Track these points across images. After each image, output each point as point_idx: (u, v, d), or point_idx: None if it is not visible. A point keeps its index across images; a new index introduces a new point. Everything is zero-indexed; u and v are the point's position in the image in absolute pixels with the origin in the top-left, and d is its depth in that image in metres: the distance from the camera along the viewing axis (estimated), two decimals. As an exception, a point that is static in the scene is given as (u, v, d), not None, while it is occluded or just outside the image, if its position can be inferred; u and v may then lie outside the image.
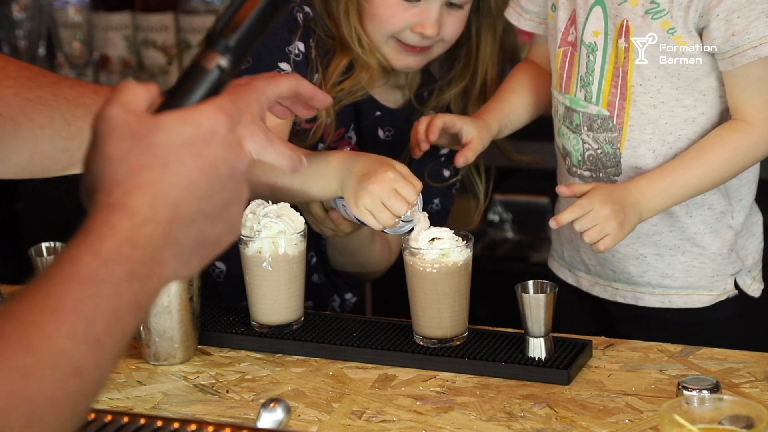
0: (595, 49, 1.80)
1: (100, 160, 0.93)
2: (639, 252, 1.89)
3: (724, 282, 1.90)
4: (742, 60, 1.70)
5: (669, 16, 1.73)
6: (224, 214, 0.96)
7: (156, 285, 0.92)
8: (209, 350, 1.75)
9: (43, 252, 1.85)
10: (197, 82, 0.96)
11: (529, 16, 1.94)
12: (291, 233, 1.73)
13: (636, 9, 1.75)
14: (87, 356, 0.88)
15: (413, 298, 1.70)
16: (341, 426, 1.51)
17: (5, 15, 3.09)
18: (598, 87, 1.81)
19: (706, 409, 1.28)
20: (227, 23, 0.98)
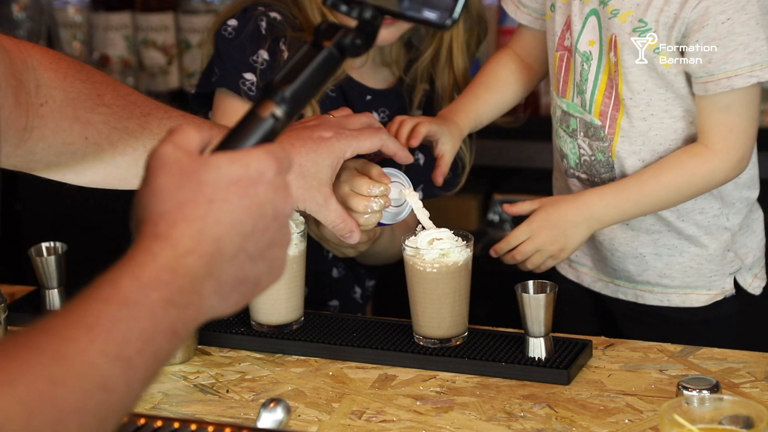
0: (590, 58, 1.80)
1: (150, 194, 0.96)
2: (638, 251, 1.89)
3: (723, 281, 1.90)
4: (715, 88, 1.71)
5: (655, 35, 1.73)
6: (266, 255, 0.99)
7: (194, 315, 0.94)
8: (209, 350, 1.75)
9: (43, 252, 1.85)
10: (251, 129, 1.01)
11: (527, 10, 1.92)
12: (291, 233, 1.72)
13: (624, 26, 1.75)
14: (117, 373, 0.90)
15: (413, 298, 1.70)
16: (341, 426, 1.51)
17: (5, 15, 3.09)
18: (592, 96, 1.81)
19: (706, 409, 1.28)
20: (285, 75, 1.03)
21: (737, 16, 1.67)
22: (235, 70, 1.92)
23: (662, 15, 1.71)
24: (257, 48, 1.92)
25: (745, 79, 1.69)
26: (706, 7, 1.68)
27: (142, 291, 0.92)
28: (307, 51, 1.05)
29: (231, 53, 1.93)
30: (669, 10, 1.71)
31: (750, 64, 1.68)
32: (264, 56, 1.92)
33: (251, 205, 0.96)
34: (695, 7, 1.69)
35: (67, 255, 1.85)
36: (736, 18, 1.67)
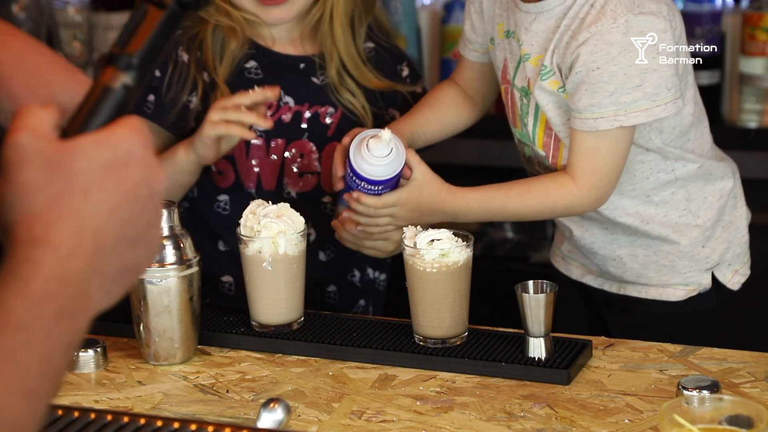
0: (528, 93, 1.84)
1: (16, 191, 0.88)
2: (616, 253, 1.94)
3: (699, 277, 1.94)
4: (582, 126, 1.76)
5: (555, 77, 1.78)
6: (144, 238, 0.92)
7: (83, 321, 0.88)
8: (209, 350, 1.75)
9: (43, 252, 1.84)
10: (104, 104, 0.93)
11: (473, 47, 1.97)
12: (291, 233, 1.73)
13: (535, 69, 1.81)
14: (24, 410, 0.83)
15: (413, 298, 1.70)
16: (341, 426, 1.51)
17: (5, 15, 3.09)
18: (533, 129, 1.86)
19: (706, 409, 1.28)
20: (128, 40, 0.96)
21: (606, 66, 1.72)
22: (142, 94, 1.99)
23: (554, 57, 1.77)
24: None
25: (609, 122, 1.75)
26: (579, 54, 1.73)
27: (33, 309, 0.84)
28: (147, 11, 0.98)
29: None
30: (559, 52, 1.77)
31: (614, 109, 1.74)
32: (156, 74, 1.99)
33: (126, 190, 0.89)
34: (572, 53, 1.74)
35: (67, 255, 1.84)
36: (605, 68, 1.72)
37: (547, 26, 1.78)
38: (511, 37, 1.84)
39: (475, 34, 1.95)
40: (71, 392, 1.62)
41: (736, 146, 2.57)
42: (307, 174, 2.05)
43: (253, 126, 1.92)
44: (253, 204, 1.76)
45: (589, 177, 1.79)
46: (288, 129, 2.04)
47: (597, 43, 1.72)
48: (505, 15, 1.85)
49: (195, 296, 1.71)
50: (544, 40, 1.78)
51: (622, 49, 1.71)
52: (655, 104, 1.75)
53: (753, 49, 2.74)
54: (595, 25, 1.72)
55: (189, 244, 1.69)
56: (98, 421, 1.34)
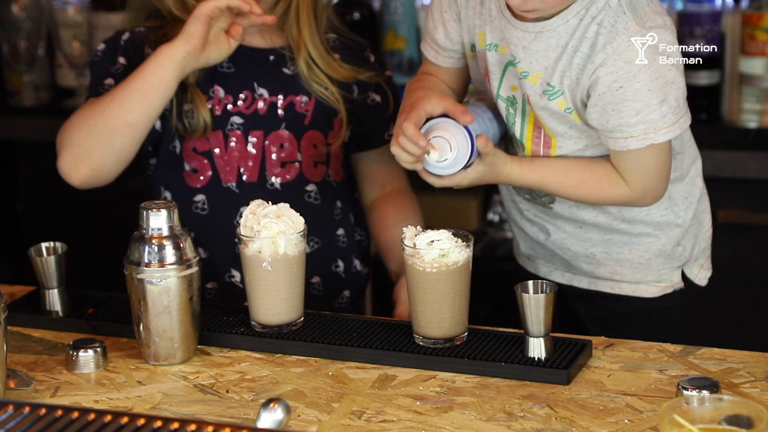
0: (514, 102, 1.83)
1: None
2: (589, 251, 1.95)
3: (671, 274, 1.95)
4: (614, 145, 1.77)
5: (564, 97, 1.77)
6: None
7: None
8: (209, 350, 1.75)
9: (43, 252, 1.84)
10: None
11: (448, 54, 1.93)
12: (291, 233, 1.73)
13: (535, 87, 1.79)
14: None
15: (413, 298, 1.70)
16: (341, 426, 1.51)
17: (5, 15, 3.09)
18: (521, 137, 1.85)
19: (706, 409, 1.28)
20: None
21: (629, 84, 1.72)
22: (99, 79, 2.03)
23: (565, 79, 1.76)
24: (115, 57, 2.04)
25: (639, 141, 1.75)
26: (598, 76, 1.72)
27: None
28: None
29: (96, 70, 2.05)
30: (571, 75, 1.75)
31: (644, 128, 1.74)
32: (121, 61, 2.03)
33: None
34: (591, 75, 1.73)
35: (67, 255, 1.85)
36: (627, 86, 1.72)
37: (548, 45, 1.76)
38: (495, 50, 1.82)
39: (450, 42, 1.91)
40: (71, 392, 1.62)
41: (736, 146, 2.58)
42: (288, 163, 2.06)
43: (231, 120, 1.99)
44: (253, 204, 1.76)
45: (640, 181, 1.80)
46: (265, 120, 2.05)
47: (616, 62, 1.71)
48: (487, 27, 1.82)
49: (195, 296, 1.71)
50: (546, 59, 1.76)
51: (642, 66, 1.71)
52: (679, 117, 1.75)
53: (753, 49, 2.74)
54: (610, 45, 1.71)
55: (189, 244, 1.69)
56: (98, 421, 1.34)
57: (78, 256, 2.04)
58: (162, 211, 1.67)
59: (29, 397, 1.61)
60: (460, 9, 1.86)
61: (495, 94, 1.85)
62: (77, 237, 2.68)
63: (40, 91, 3.17)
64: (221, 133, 2.03)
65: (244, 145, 2.04)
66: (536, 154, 1.85)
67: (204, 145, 2.03)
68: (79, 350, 1.69)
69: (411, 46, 2.89)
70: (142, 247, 1.67)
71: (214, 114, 2.03)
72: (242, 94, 2.04)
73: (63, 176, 2.00)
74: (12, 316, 1.74)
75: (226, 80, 2.04)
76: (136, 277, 1.68)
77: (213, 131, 2.03)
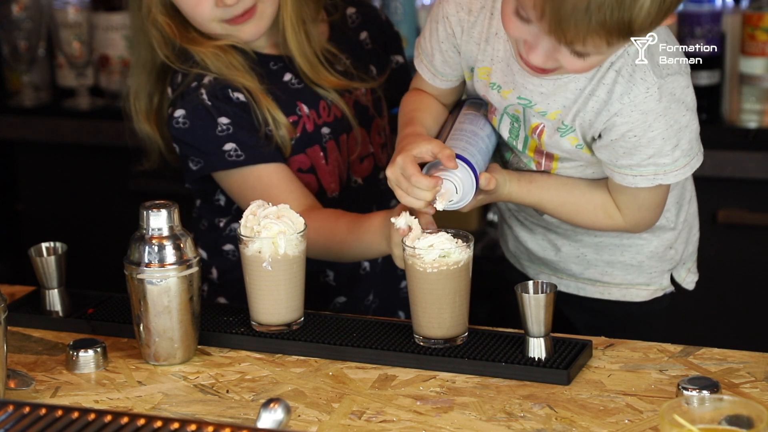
0: (519, 119, 1.81)
1: None
2: (580, 251, 1.94)
3: (661, 278, 1.95)
4: (621, 180, 1.76)
5: (575, 134, 1.76)
6: None
7: None
8: (209, 350, 1.75)
9: (43, 252, 1.84)
10: None
11: (445, 78, 1.89)
12: (291, 233, 1.73)
13: (553, 122, 1.77)
14: None
15: (413, 298, 1.70)
16: (341, 426, 1.51)
17: (5, 15, 3.09)
18: (524, 147, 1.84)
19: (706, 409, 1.28)
20: None
21: (644, 133, 1.71)
22: (215, 150, 1.97)
23: (578, 119, 1.75)
24: (215, 120, 1.97)
25: (648, 180, 1.75)
26: (614, 123, 1.71)
27: None
28: None
29: (198, 139, 1.98)
30: (584, 117, 1.74)
31: (654, 169, 1.74)
32: (224, 122, 1.97)
33: None
34: (606, 121, 1.72)
35: (67, 255, 1.85)
36: (642, 135, 1.71)
37: (566, 89, 1.73)
38: (497, 90, 1.79)
39: (448, 68, 1.86)
40: (71, 392, 1.62)
41: (736, 146, 2.58)
42: (365, 158, 2.09)
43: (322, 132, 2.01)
44: (253, 205, 1.76)
45: (634, 214, 1.81)
46: (345, 123, 2.05)
47: (632, 113, 1.70)
48: (494, 67, 1.78)
49: (195, 296, 1.71)
50: (564, 99, 1.74)
51: (657, 116, 1.69)
52: (690, 159, 1.75)
53: (753, 49, 2.74)
54: (627, 95, 1.69)
55: (189, 244, 1.69)
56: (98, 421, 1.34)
57: (78, 256, 2.04)
58: (162, 211, 1.67)
59: (29, 397, 1.61)
60: (459, 43, 1.81)
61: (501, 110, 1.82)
62: (77, 237, 2.69)
63: (40, 91, 3.18)
64: (318, 147, 2.03)
65: (339, 152, 2.05)
66: (539, 166, 1.84)
67: (306, 162, 2.03)
68: (79, 350, 1.69)
69: (411, 46, 2.89)
70: (142, 247, 1.67)
71: (306, 131, 2.02)
72: (320, 104, 2.04)
73: None
74: (12, 316, 1.75)
75: (304, 95, 2.03)
76: (136, 277, 1.68)
77: (310, 147, 2.02)
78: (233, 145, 1.95)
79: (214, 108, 1.96)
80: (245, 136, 1.96)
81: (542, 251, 1.97)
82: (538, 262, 1.99)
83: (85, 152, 3.04)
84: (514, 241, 2.02)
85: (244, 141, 1.96)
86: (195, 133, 1.97)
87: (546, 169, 1.84)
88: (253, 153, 1.96)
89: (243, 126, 1.96)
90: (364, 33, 2.12)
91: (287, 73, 2.04)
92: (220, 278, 2.09)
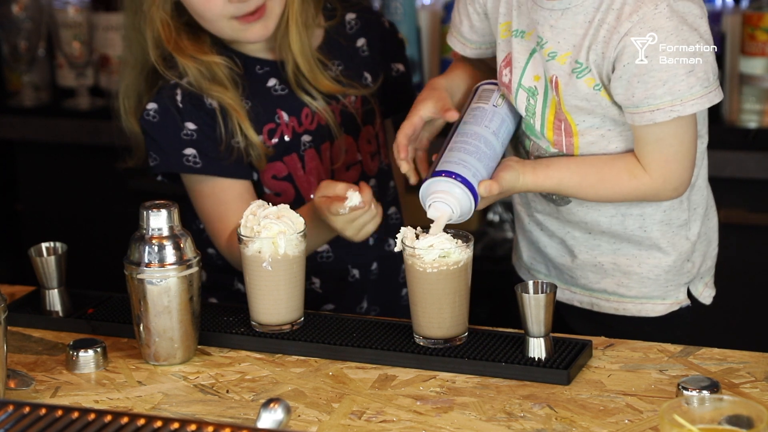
0: (536, 93, 1.82)
1: None
2: (597, 260, 1.90)
3: (677, 291, 1.90)
4: (640, 120, 1.73)
5: (592, 74, 1.76)
6: None
7: None
8: (209, 350, 1.75)
9: (43, 252, 1.84)
10: None
11: (474, 46, 1.94)
12: (291, 234, 1.73)
13: (564, 67, 1.77)
14: None
15: (413, 298, 1.70)
16: (341, 426, 1.51)
17: (5, 15, 3.09)
18: (542, 128, 1.83)
19: (706, 409, 1.28)
20: None
21: (654, 54, 1.69)
22: (174, 151, 1.97)
23: (591, 53, 1.74)
24: (182, 123, 1.97)
25: (665, 113, 1.72)
26: (624, 46, 1.70)
27: None
28: None
29: (162, 136, 1.99)
30: (597, 49, 1.73)
31: (670, 99, 1.71)
32: (191, 127, 1.98)
33: None
34: (616, 46, 1.71)
35: (67, 255, 1.85)
36: (653, 56, 1.69)
37: (575, 22, 1.74)
38: (521, 36, 1.81)
39: (475, 35, 1.92)
40: (71, 392, 1.62)
41: (736, 146, 2.58)
42: (352, 165, 2.08)
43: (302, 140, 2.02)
44: (253, 205, 1.76)
45: (661, 168, 1.76)
46: (328, 130, 2.05)
47: (642, 31, 1.69)
48: (514, 14, 1.82)
49: (195, 296, 1.71)
50: (574, 36, 1.74)
51: (668, 34, 1.68)
52: (708, 90, 1.72)
53: (753, 49, 2.74)
54: (636, 13, 1.69)
55: (189, 244, 1.69)
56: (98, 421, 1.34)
57: (78, 256, 2.04)
58: (162, 211, 1.67)
59: (29, 397, 1.61)
60: (487, 2, 1.86)
61: (516, 84, 1.82)
62: (77, 237, 2.69)
63: (40, 91, 3.18)
64: (296, 155, 2.03)
65: (320, 161, 2.05)
66: (559, 145, 1.82)
67: (282, 170, 2.03)
68: (79, 350, 1.69)
69: (411, 46, 2.89)
70: (142, 247, 1.67)
71: (283, 140, 2.02)
72: (303, 112, 2.04)
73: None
74: (12, 316, 1.75)
75: (286, 102, 2.03)
76: (136, 277, 1.68)
77: (288, 155, 2.03)
78: (194, 151, 1.97)
79: (185, 111, 1.98)
80: (209, 146, 1.97)
81: (560, 257, 1.93)
82: (555, 271, 1.96)
83: (85, 152, 3.04)
84: (532, 249, 1.98)
85: (205, 150, 1.97)
86: (160, 129, 1.98)
87: (568, 151, 1.82)
88: (212, 164, 1.97)
89: (209, 135, 1.97)
90: (362, 40, 2.11)
91: (272, 79, 2.04)
92: (208, 280, 2.09)
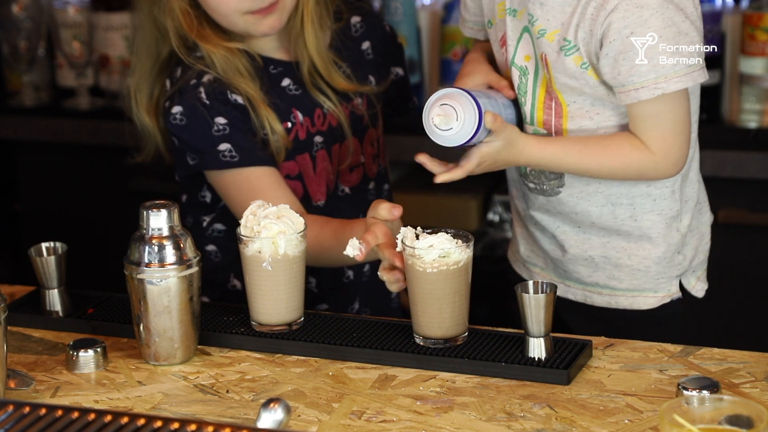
0: (527, 72, 1.83)
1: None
2: (588, 254, 1.92)
3: (669, 284, 1.92)
4: (626, 98, 1.75)
5: (580, 52, 1.76)
6: None
7: None
8: (209, 350, 1.75)
9: (43, 252, 1.84)
10: None
11: (469, 25, 1.99)
12: (291, 234, 1.73)
13: (552, 44, 1.79)
14: None
15: (413, 298, 1.70)
16: (341, 426, 1.51)
17: (5, 15, 3.09)
18: (532, 108, 1.84)
19: (706, 409, 1.28)
20: None
21: (641, 30, 1.70)
22: (210, 149, 1.96)
23: (579, 31, 1.75)
24: (212, 119, 1.96)
25: (650, 91, 1.72)
26: (610, 22, 1.71)
27: None
28: None
29: (194, 137, 1.97)
30: (584, 27, 1.74)
31: (654, 76, 1.72)
32: (221, 122, 1.97)
33: None
34: (602, 22, 1.72)
35: (67, 255, 1.85)
36: (639, 32, 1.70)
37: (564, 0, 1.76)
38: (513, 15, 1.83)
39: (468, 14, 1.96)
40: (71, 392, 1.62)
41: (736, 146, 2.58)
42: (355, 167, 2.09)
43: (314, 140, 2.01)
44: (253, 205, 1.76)
45: (659, 142, 1.77)
46: (338, 132, 2.05)
47: (628, 7, 1.70)
48: None
49: (195, 296, 1.71)
50: (562, 13, 1.76)
51: (653, 11, 1.69)
52: (692, 69, 1.73)
53: (753, 49, 2.74)
54: None
55: (189, 244, 1.69)
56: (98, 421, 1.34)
57: (78, 256, 2.04)
58: (162, 211, 1.67)
59: (29, 397, 1.61)
60: None
61: (510, 61, 1.85)
62: (77, 237, 2.69)
63: (40, 91, 3.18)
64: (308, 155, 2.03)
65: (329, 162, 2.05)
66: (548, 125, 1.83)
67: (294, 169, 2.03)
68: (79, 350, 1.69)
69: (411, 46, 2.89)
70: (142, 247, 1.67)
71: (298, 139, 2.02)
72: (315, 113, 2.04)
73: None
74: (12, 316, 1.75)
75: (300, 102, 2.03)
76: (136, 277, 1.68)
77: (300, 154, 2.03)
78: (228, 145, 1.96)
79: (212, 108, 1.96)
80: (241, 137, 1.96)
81: (553, 251, 1.95)
82: (551, 265, 1.98)
83: (85, 152, 3.04)
84: (529, 242, 2.00)
85: (239, 143, 1.96)
86: (191, 131, 1.97)
87: (557, 133, 1.83)
88: (248, 155, 1.96)
89: (239, 128, 1.96)
90: (366, 43, 2.12)
91: (286, 79, 2.04)
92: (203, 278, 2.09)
